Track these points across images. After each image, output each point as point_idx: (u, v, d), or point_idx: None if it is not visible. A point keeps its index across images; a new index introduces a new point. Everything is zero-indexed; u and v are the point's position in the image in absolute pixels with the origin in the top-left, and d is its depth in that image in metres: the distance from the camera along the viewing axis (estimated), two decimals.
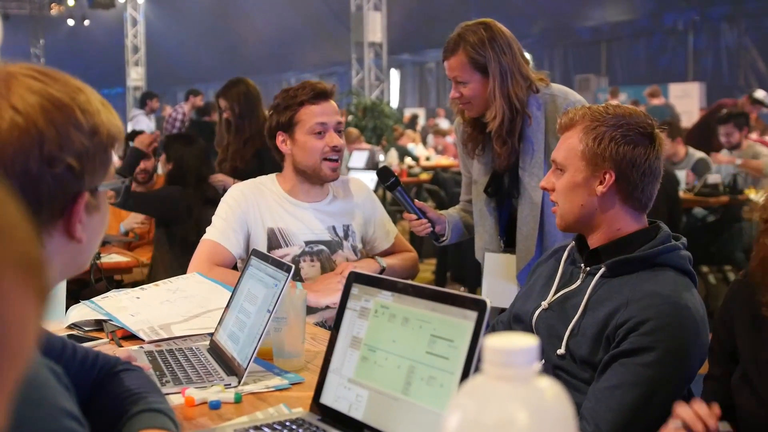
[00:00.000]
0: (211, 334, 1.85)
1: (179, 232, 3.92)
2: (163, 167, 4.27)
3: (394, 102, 18.75)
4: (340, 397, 1.31)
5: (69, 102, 0.90)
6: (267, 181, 2.45)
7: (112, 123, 0.95)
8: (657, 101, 10.83)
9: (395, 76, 22.07)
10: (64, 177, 0.89)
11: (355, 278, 1.37)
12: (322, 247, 2.38)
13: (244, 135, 4.00)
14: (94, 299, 2.11)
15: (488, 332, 1.81)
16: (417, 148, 11.13)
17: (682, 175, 5.80)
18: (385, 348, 1.26)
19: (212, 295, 2.10)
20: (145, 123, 10.95)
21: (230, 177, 3.92)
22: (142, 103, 11.61)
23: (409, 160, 9.55)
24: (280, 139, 2.38)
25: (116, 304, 2.05)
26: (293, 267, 1.60)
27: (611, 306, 1.55)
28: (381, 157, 8.69)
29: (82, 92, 0.93)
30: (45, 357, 0.87)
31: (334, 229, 2.41)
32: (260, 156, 3.89)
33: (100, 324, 2.01)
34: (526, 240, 2.31)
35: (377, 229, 2.51)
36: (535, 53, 17.62)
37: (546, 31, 18.96)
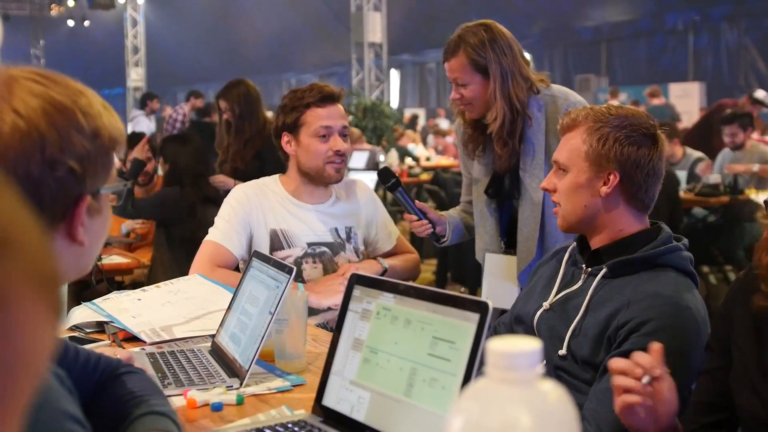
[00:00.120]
0: (212, 336, 1.85)
1: (178, 233, 3.92)
2: (163, 169, 4.28)
3: (395, 102, 18.73)
4: (342, 398, 1.31)
5: (70, 105, 0.90)
6: (270, 182, 2.45)
7: (113, 126, 0.95)
8: (657, 101, 10.83)
9: (395, 76, 22.07)
10: (66, 180, 0.89)
11: (357, 280, 1.36)
12: (324, 248, 2.38)
13: (244, 136, 4.01)
14: (95, 301, 2.11)
15: (490, 334, 1.81)
16: (417, 149, 11.12)
17: (683, 175, 5.81)
18: (386, 350, 1.26)
19: (214, 296, 2.10)
20: (146, 124, 10.93)
21: (231, 178, 3.92)
22: (143, 104, 11.60)
23: (409, 161, 9.55)
24: (285, 139, 2.38)
25: (118, 306, 2.06)
26: (295, 268, 1.60)
27: (612, 307, 1.55)
28: (381, 158, 8.67)
29: (84, 95, 0.93)
30: None
31: (337, 231, 2.41)
32: (261, 157, 3.90)
33: (101, 326, 2.01)
34: (527, 241, 2.31)
35: (379, 231, 2.51)
36: (535, 53, 17.65)
37: (546, 31, 18.96)
